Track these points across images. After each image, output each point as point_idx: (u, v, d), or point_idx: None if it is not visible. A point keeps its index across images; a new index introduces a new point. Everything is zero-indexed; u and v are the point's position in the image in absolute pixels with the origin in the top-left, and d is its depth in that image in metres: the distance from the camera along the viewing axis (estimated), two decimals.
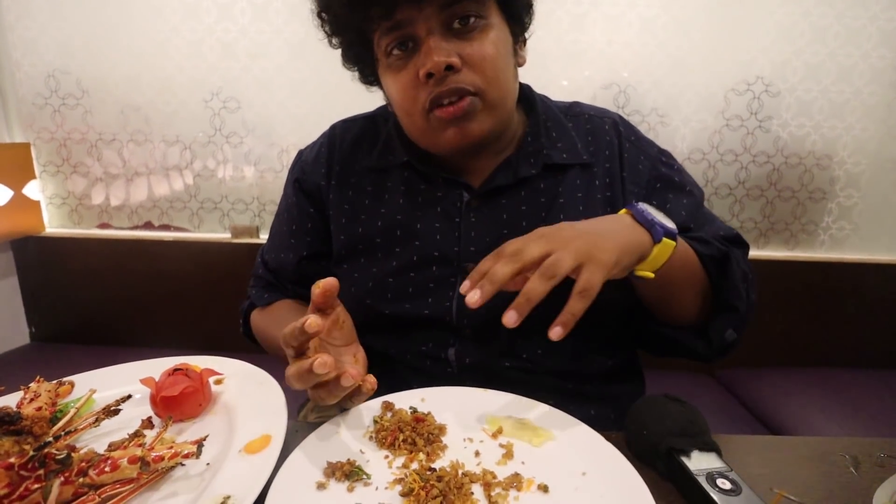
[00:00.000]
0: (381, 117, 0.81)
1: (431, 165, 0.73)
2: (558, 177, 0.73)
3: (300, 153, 0.84)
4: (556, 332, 0.50)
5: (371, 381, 0.54)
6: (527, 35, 0.73)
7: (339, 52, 0.74)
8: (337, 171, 0.77)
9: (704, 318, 0.70)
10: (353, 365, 0.56)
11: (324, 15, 0.68)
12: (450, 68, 0.61)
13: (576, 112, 0.78)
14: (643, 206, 0.60)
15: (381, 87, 0.73)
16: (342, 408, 0.59)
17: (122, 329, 1.70)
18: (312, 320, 0.47)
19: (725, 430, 1.32)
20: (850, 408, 1.37)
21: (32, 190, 1.65)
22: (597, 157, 0.74)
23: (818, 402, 1.41)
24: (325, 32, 0.70)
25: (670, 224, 0.59)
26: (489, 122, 0.66)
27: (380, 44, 0.65)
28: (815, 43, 1.47)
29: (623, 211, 0.61)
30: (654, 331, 0.74)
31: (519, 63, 0.71)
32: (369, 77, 0.73)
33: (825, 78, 1.49)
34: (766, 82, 1.50)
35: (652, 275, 0.59)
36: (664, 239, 0.57)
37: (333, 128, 0.82)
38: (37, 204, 1.67)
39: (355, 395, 0.55)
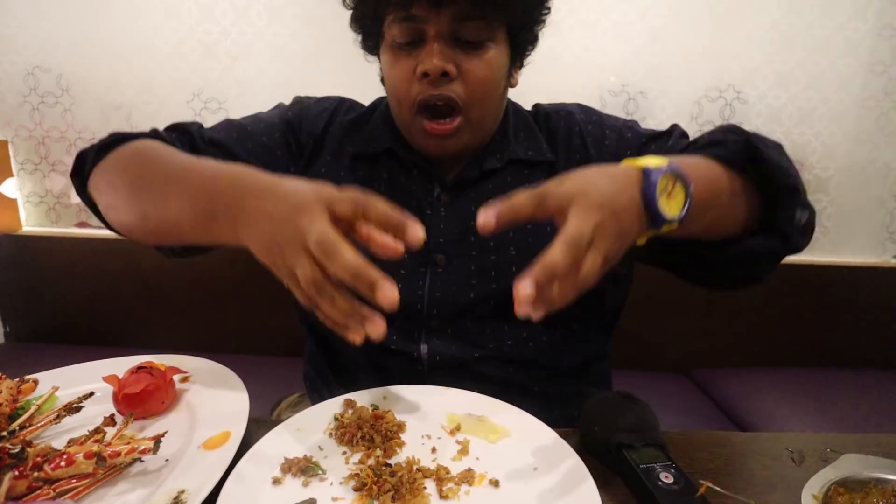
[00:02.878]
0: (373, 109, 0.82)
1: (411, 152, 0.75)
2: (525, 173, 0.75)
3: (300, 98, 0.82)
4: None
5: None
6: (526, 62, 0.75)
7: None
8: (335, 148, 0.77)
9: (763, 218, 0.61)
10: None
11: None
12: (445, 75, 0.64)
13: (537, 112, 0.81)
14: (656, 177, 0.47)
15: (380, 61, 0.74)
16: None
17: (99, 329, 1.68)
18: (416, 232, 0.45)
19: (697, 429, 1.34)
20: (821, 406, 1.41)
21: (9, 188, 1.63)
22: (558, 153, 0.76)
23: (789, 401, 1.44)
24: None
25: (660, 164, 0.48)
26: (468, 139, 0.69)
27: (389, 26, 0.66)
28: (783, 51, 1.51)
29: (638, 171, 0.49)
30: (721, 259, 0.63)
31: (511, 85, 0.74)
32: (371, 48, 0.74)
33: (794, 85, 1.53)
34: (737, 89, 1.54)
35: (676, 226, 0.50)
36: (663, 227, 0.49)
37: (342, 101, 0.82)
38: (13, 202, 1.66)
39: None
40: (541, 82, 1.55)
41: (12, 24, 1.55)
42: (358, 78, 1.51)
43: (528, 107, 0.83)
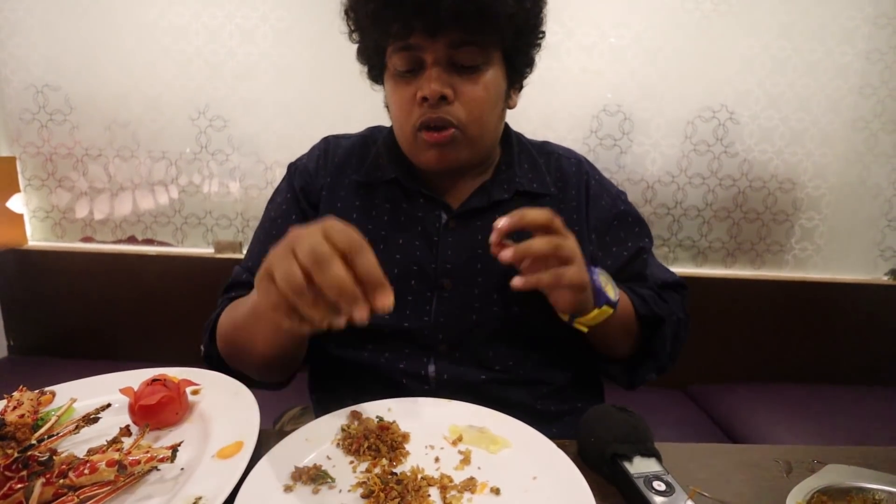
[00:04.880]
0: (370, 137, 0.85)
1: (417, 182, 0.78)
2: (531, 204, 0.78)
3: (295, 165, 0.85)
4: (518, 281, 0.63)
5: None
6: (525, 83, 0.79)
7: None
8: (329, 183, 0.81)
9: (630, 357, 0.80)
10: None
11: (350, 13, 0.73)
12: (443, 98, 0.68)
13: (547, 150, 0.86)
14: (597, 272, 0.67)
15: (384, 88, 0.78)
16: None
17: (103, 342, 1.70)
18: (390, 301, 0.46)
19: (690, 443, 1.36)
20: (812, 420, 1.43)
21: (16, 203, 1.67)
22: (564, 192, 0.81)
23: (782, 415, 1.46)
24: (349, 27, 0.75)
25: (612, 296, 0.67)
26: (465, 153, 0.73)
27: (391, 57, 0.71)
28: (775, 74, 1.56)
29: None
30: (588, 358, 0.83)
31: (510, 106, 0.78)
32: (376, 77, 0.78)
33: (785, 107, 1.58)
34: (730, 110, 1.59)
35: (585, 329, 0.68)
36: (604, 306, 0.66)
37: (327, 141, 0.86)
38: (20, 217, 1.69)
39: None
40: (539, 102, 1.60)
41: (23, 44, 1.60)
42: (360, 98, 1.57)
43: (527, 126, 0.87)
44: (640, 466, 0.53)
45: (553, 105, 1.59)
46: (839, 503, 0.48)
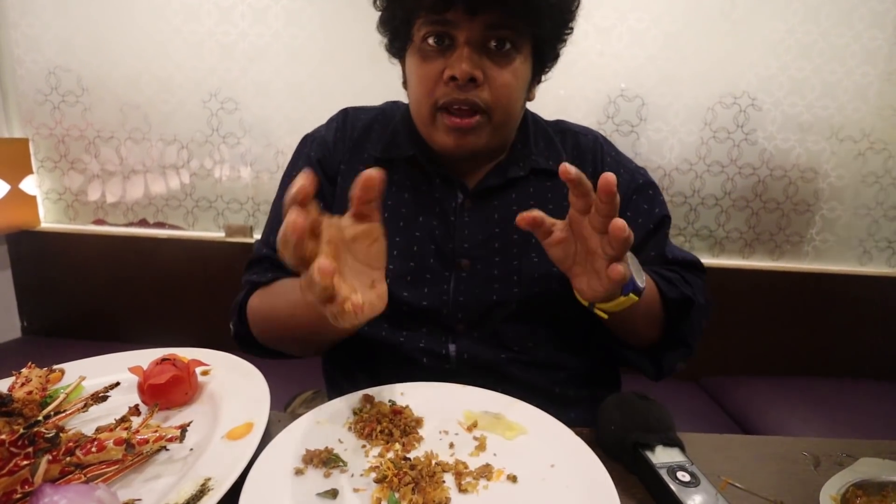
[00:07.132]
0: (388, 112, 0.83)
1: (433, 161, 0.76)
2: (547, 184, 0.77)
3: (312, 136, 0.84)
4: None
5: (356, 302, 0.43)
6: (544, 78, 0.77)
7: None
8: (348, 158, 0.80)
9: (657, 346, 0.75)
10: (364, 292, 0.47)
11: None
12: (472, 80, 0.65)
13: (562, 128, 0.84)
14: (628, 255, 0.61)
15: (403, 65, 0.76)
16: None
17: (115, 324, 1.71)
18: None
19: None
20: (830, 416, 1.40)
21: (29, 185, 1.67)
22: (581, 169, 0.77)
23: (799, 410, 1.43)
24: None
25: (640, 282, 0.60)
26: (485, 139, 0.71)
27: (420, 28, 0.67)
28: (800, 59, 1.51)
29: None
30: (610, 347, 0.78)
31: (529, 98, 0.76)
32: (397, 49, 0.75)
33: (810, 93, 1.53)
34: (752, 96, 1.54)
35: (605, 315, 0.63)
36: (630, 294, 0.59)
37: (345, 112, 0.84)
38: (33, 199, 1.69)
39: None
40: (554, 86, 1.57)
41: (36, 25, 1.58)
42: (373, 80, 1.55)
43: (543, 111, 0.85)
44: (662, 456, 0.51)
45: (568, 89, 1.56)
46: (874, 498, 0.46)
